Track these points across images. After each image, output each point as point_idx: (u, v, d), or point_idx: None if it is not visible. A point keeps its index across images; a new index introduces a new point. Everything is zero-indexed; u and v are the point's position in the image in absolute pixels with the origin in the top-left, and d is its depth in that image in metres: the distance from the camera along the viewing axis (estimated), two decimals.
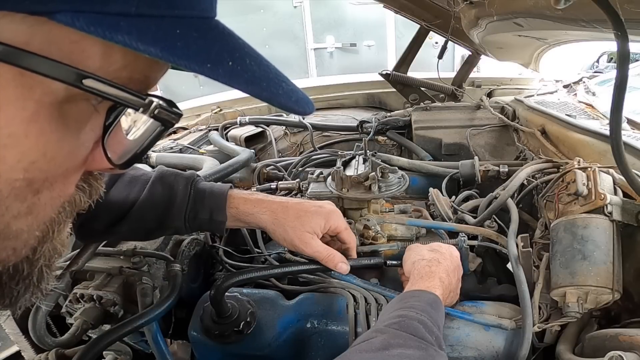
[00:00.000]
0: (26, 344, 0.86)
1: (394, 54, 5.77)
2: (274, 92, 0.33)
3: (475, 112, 1.63)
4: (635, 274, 0.83)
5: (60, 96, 0.29)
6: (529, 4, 0.92)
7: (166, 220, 0.76)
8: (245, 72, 0.31)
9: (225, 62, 0.30)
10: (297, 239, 0.76)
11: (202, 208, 0.77)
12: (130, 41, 0.26)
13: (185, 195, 0.76)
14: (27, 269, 0.36)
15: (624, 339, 0.65)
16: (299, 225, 0.76)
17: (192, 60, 0.28)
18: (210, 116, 2.16)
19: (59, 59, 0.27)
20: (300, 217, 0.77)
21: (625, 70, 0.66)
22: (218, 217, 0.77)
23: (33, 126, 0.28)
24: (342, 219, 0.83)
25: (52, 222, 0.36)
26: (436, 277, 0.77)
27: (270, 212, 0.77)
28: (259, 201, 0.79)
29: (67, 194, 0.36)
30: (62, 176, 0.33)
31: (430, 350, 0.58)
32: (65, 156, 0.32)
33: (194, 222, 0.77)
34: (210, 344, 0.85)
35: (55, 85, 0.28)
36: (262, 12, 5.54)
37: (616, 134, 0.70)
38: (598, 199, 0.80)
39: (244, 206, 0.78)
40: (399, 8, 1.78)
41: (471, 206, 1.16)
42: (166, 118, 0.33)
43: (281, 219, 0.77)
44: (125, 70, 0.30)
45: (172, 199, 0.76)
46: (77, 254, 0.83)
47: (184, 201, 0.76)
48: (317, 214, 0.78)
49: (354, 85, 2.33)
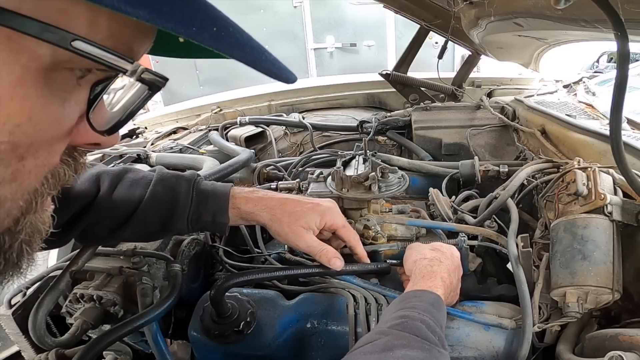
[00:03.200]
0: (26, 344, 0.86)
1: (394, 54, 5.78)
2: (258, 57, 0.34)
3: (475, 112, 1.63)
4: (635, 274, 0.83)
5: (46, 62, 0.29)
6: (529, 4, 0.92)
7: (169, 223, 0.76)
8: (229, 37, 0.32)
9: (210, 28, 0.30)
10: (292, 233, 0.77)
11: (205, 210, 0.77)
12: (119, 4, 0.27)
13: (188, 198, 0.76)
14: (8, 241, 0.36)
15: (624, 339, 0.65)
16: (293, 220, 0.78)
17: (179, 24, 0.29)
18: (210, 116, 2.17)
19: (50, 23, 0.27)
20: (296, 212, 0.78)
21: (625, 70, 0.66)
22: (221, 219, 0.77)
23: (19, 90, 0.29)
24: (340, 216, 0.84)
25: (36, 192, 0.36)
26: (438, 277, 0.77)
27: (269, 209, 0.79)
28: (259, 199, 0.80)
29: (51, 163, 0.36)
30: (46, 144, 0.34)
31: (433, 352, 0.58)
32: (51, 123, 0.33)
33: (197, 224, 0.77)
34: (210, 344, 0.85)
35: (41, 51, 0.28)
36: (262, 12, 5.54)
37: (616, 134, 0.71)
38: (598, 199, 0.80)
39: (245, 206, 0.79)
40: (399, 8, 1.78)
41: (471, 206, 1.16)
42: (153, 81, 0.34)
43: (278, 214, 0.78)
44: (110, 40, 0.31)
45: (175, 202, 0.76)
46: (77, 254, 0.83)
47: (186, 204, 0.76)
48: (313, 210, 0.80)
49: (354, 85, 2.33)
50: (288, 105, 2.27)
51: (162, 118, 2.33)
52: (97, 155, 1.70)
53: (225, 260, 1.06)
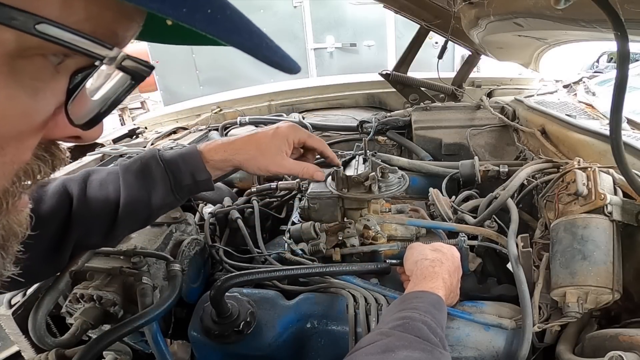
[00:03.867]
0: (26, 344, 0.86)
1: (394, 54, 5.77)
2: (258, 44, 0.31)
3: (475, 112, 1.63)
4: (635, 274, 0.83)
5: (10, 48, 0.26)
6: (528, 4, 0.92)
7: (156, 203, 0.75)
8: (225, 21, 0.29)
9: (203, 9, 0.27)
10: (271, 164, 0.81)
11: (183, 175, 0.76)
12: None
13: (160, 170, 0.75)
14: None
15: (624, 339, 0.65)
16: (266, 151, 0.80)
17: (166, 4, 0.25)
18: (210, 116, 2.17)
19: (11, 4, 0.24)
20: (264, 143, 0.81)
21: (625, 70, 0.66)
22: (201, 177, 0.77)
23: None
24: (302, 130, 0.87)
25: (6, 193, 0.33)
26: (439, 278, 0.77)
27: (239, 150, 0.80)
28: (227, 145, 0.80)
29: (21, 160, 0.33)
30: (14, 139, 0.31)
31: (435, 353, 0.58)
32: (18, 117, 0.30)
33: (182, 191, 0.77)
34: (210, 344, 0.85)
35: (4, 36, 0.25)
36: (262, 12, 5.54)
37: (616, 134, 0.71)
38: (598, 199, 0.80)
39: (216, 155, 0.79)
40: (399, 8, 1.78)
41: (471, 206, 1.16)
42: (136, 69, 0.30)
43: (250, 152, 0.80)
44: (88, 23, 0.28)
45: (152, 182, 0.74)
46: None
47: (164, 176, 0.75)
48: (276, 135, 0.82)
49: (354, 85, 2.32)
50: (288, 105, 2.27)
51: (162, 118, 2.33)
52: (97, 155, 1.70)
53: (225, 260, 1.06)
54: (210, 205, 1.35)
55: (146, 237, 0.98)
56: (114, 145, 1.92)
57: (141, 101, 7.14)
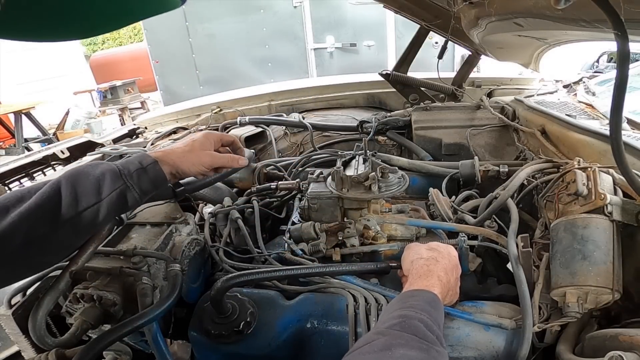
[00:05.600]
0: (26, 344, 0.86)
1: (394, 54, 5.76)
2: None
3: (475, 112, 1.63)
4: (635, 274, 0.83)
5: None
6: (529, 4, 0.92)
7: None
8: None
9: None
10: (202, 155, 0.87)
11: (129, 163, 0.77)
12: None
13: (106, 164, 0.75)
14: None
15: (624, 339, 0.65)
16: (194, 148, 0.86)
17: None
18: (210, 116, 2.17)
19: None
20: (190, 144, 0.87)
21: (625, 70, 0.66)
22: (147, 161, 0.79)
23: None
24: (215, 133, 0.94)
25: None
26: (434, 276, 0.77)
27: (171, 152, 0.84)
28: (167, 154, 0.83)
29: None
30: None
31: (432, 351, 0.59)
32: None
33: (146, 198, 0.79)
34: (210, 344, 0.85)
35: None
36: (262, 12, 5.53)
37: (616, 134, 0.70)
38: (598, 199, 0.80)
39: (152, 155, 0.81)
40: (399, 8, 1.78)
41: (471, 206, 1.16)
42: None
43: (178, 151, 0.85)
44: None
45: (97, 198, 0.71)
46: (77, 254, 0.83)
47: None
48: (198, 137, 0.89)
49: (354, 85, 2.33)
50: (288, 105, 2.27)
51: (162, 118, 2.33)
52: (97, 155, 1.70)
53: (225, 260, 1.06)
54: (210, 205, 1.35)
55: (146, 237, 0.98)
56: (114, 145, 1.93)
57: (141, 101, 7.15)
